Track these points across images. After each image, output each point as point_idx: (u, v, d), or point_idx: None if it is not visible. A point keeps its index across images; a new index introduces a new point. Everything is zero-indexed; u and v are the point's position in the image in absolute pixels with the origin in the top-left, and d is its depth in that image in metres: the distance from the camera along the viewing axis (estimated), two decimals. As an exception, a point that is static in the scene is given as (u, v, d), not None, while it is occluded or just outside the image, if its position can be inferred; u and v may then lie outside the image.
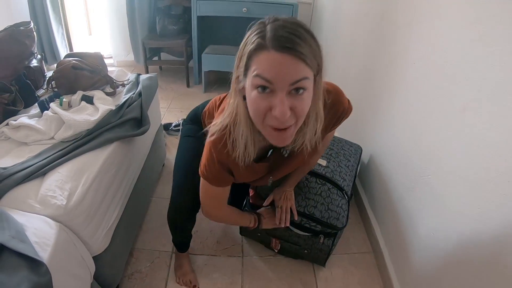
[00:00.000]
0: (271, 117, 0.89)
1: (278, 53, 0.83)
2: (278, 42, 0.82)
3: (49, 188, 1.26)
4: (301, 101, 0.89)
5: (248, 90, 0.91)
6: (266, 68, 0.84)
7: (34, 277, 1.00)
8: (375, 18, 2.14)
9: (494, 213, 1.06)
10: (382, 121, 1.98)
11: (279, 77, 0.84)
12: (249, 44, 0.87)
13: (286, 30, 0.83)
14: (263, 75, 0.85)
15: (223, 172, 1.20)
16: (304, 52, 0.83)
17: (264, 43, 0.84)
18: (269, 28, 0.84)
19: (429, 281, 1.41)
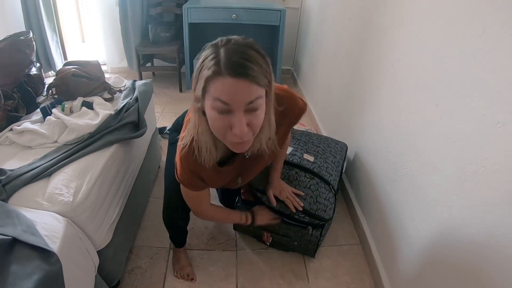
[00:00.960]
0: (231, 133, 0.99)
1: (233, 78, 0.91)
2: (232, 68, 0.90)
3: (56, 186, 1.35)
4: (256, 117, 0.99)
5: (208, 110, 0.99)
6: (223, 92, 0.93)
7: (46, 266, 1.07)
8: (358, 22, 2.26)
9: (467, 200, 1.16)
10: (365, 120, 2.09)
11: (235, 100, 0.93)
12: (205, 69, 0.94)
13: (239, 55, 0.91)
14: (221, 99, 0.93)
15: (196, 179, 1.32)
16: (256, 75, 0.92)
17: (219, 69, 0.91)
18: (222, 53, 0.92)
19: (414, 268, 1.50)
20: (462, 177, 1.18)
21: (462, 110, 1.20)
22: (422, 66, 1.49)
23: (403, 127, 1.62)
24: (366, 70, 2.10)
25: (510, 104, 0.98)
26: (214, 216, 1.68)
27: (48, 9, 3.57)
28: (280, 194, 1.72)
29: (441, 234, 1.32)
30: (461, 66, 1.21)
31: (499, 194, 1.02)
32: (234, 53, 0.92)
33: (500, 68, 1.03)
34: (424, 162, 1.44)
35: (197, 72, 0.99)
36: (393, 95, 1.73)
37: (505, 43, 1.01)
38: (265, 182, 1.75)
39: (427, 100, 1.42)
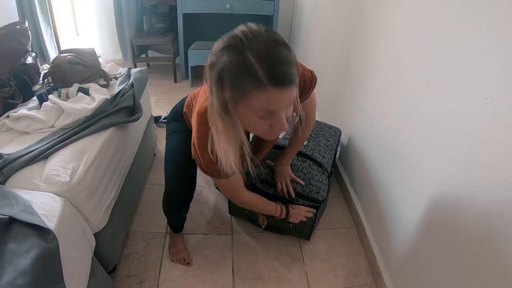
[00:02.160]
0: (272, 132, 1.00)
1: (279, 89, 0.89)
2: (276, 80, 0.88)
3: (52, 168, 1.37)
4: (290, 110, 1.01)
5: (246, 115, 0.97)
6: (270, 103, 0.92)
7: (43, 243, 1.08)
8: (350, 10, 2.28)
9: (458, 176, 1.18)
10: (358, 105, 2.11)
11: (282, 107, 0.95)
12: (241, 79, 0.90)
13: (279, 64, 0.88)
14: (268, 109, 0.93)
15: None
16: (295, 78, 0.92)
17: (261, 82, 0.87)
18: (256, 61, 0.87)
19: (407, 247, 1.53)
20: (453, 153, 1.20)
21: (451, 89, 1.22)
22: (411, 49, 1.51)
23: (395, 109, 1.65)
24: (357, 56, 2.12)
25: (497, 79, 1.00)
26: (253, 203, 1.62)
27: (42, 2, 3.55)
28: (277, 176, 1.74)
29: (432, 212, 1.35)
30: (449, 46, 1.24)
31: (489, 169, 1.04)
32: (271, 61, 0.88)
33: (486, 46, 1.05)
34: (415, 142, 1.46)
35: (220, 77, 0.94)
36: (384, 78, 1.76)
37: (490, 22, 1.04)
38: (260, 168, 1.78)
39: (418, 82, 1.44)
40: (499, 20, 1.00)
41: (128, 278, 1.75)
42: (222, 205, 2.20)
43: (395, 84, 1.65)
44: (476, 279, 1.09)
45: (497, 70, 1.00)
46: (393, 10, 1.68)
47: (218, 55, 0.93)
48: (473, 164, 1.10)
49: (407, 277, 1.53)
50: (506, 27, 0.97)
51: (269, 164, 1.80)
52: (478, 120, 1.08)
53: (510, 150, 0.95)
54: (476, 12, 1.10)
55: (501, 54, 0.99)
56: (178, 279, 1.76)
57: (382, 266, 1.74)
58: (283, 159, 1.74)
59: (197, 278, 1.77)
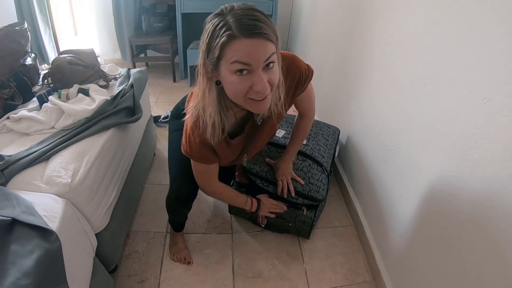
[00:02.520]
0: (253, 92, 1.03)
1: (249, 39, 0.95)
2: (246, 30, 0.94)
3: (54, 169, 1.38)
4: (273, 73, 1.04)
5: (226, 76, 1.03)
6: (242, 54, 0.96)
7: (45, 244, 1.09)
8: (348, 9, 2.29)
9: (455, 174, 1.20)
10: (356, 104, 2.13)
11: (255, 59, 0.97)
12: (218, 37, 0.97)
13: (249, 18, 0.95)
14: (241, 60, 0.97)
15: (206, 151, 1.33)
16: (268, 32, 0.96)
17: (233, 33, 0.94)
18: (231, 19, 0.96)
19: (405, 244, 1.55)
20: (450, 152, 1.22)
21: (449, 89, 1.23)
22: (409, 49, 1.52)
23: (393, 108, 1.66)
24: (356, 56, 2.13)
25: (494, 80, 1.02)
26: (222, 194, 1.67)
27: (40, 2, 3.54)
28: (278, 175, 1.76)
29: (430, 209, 1.36)
30: (447, 46, 1.25)
31: (486, 168, 1.05)
32: (243, 16, 0.96)
33: (484, 47, 1.07)
34: (414, 141, 1.48)
35: (204, 42, 1.02)
36: (383, 78, 1.77)
37: (488, 23, 1.05)
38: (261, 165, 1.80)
39: (416, 81, 1.46)
40: (497, 20, 1.01)
41: (129, 278, 1.76)
42: (222, 205, 2.21)
43: (393, 83, 1.67)
44: (473, 275, 1.11)
45: (495, 70, 1.02)
46: (391, 10, 1.69)
47: (206, 25, 1.03)
48: (470, 163, 1.12)
49: (405, 274, 1.54)
50: (503, 28, 0.99)
51: (269, 162, 1.81)
52: (475, 120, 1.10)
53: (507, 150, 0.97)
54: (473, 12, 1.11)
55: (498, 54, 1.00)
56: (179, 278, 1.77)
57: (380, 264, 1.76)
58: (285, 156, 1.75)
59: (198, 277, 1.78)
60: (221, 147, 1.33)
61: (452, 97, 1.22)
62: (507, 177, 0.97)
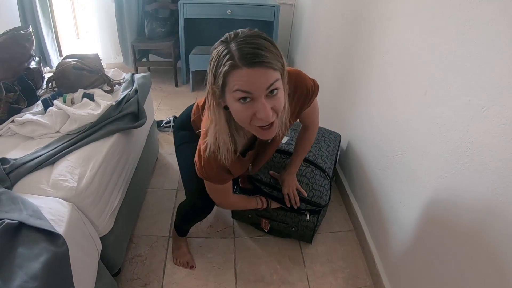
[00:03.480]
0: (257, 119, 1.05)
1: (250, 68, 0.96)
2: (247, 59, 0.96)
3: (60, 173, 1.40)
4: (277, 100, 1.05)
5: (231, 103, 1.05)
6: (243, 83, 0.98)
7: (53, 247, 1.11)
8: (349, 17, 2.31)
9: (454, 182, 1.22)
10: (357, 111, 2.14)
11: (255, 87, 0.99)
12: (221, 66, 0.99)
13: (250, 46, 0.97)
14: (242, 89, 0.99)
15: (223, 173, 1.36)
16: (269, 60, 0.97)
17: (235, 63, 0.96)
18: (234, 48, 0.97)
19: (405, 250, 1.56)
20: (450, 160, 1.24)
21: (449, 97, 1.25)
22: (409, 57, 1.54)
23: (394, 116, 1.68)
24: (357, 63, 2.15)
25: (493, 89, 1.04)
26: (237, 204, 1.75)
27: (43, 6, 3.57)
28: (284, 187, 1.77)
29: (429, 216, 1.38)
30: (447, 56, 1.27)
31: (484, 175, 1.07)
32: (245, 45, 0.97)
33: (483, 56, 1.09)
34: (414, 148, 1.50)
35: (211, 70, 1.04)
36: (383, 85, 1.79)
37: (487, 34, 1.07)
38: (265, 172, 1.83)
39: (416, 89, 1.48)
40: (495, 31, 1.03)
41: (132, 281, 1.77)
42: (224, 210, 2.22)
43: (393, 91, 1.69)
44: (473, 281, 1.12)
45: (493, 80, 1.04)
46: (391, 19, 1.71)
47: (212, 52, 1.04)
48: (469, 170, 1.14)
49: (405, 279, 1.56)
50: (502, 38, 1.01)
51: (273, 175, 1.83)
52: (474, 128, 1.12)
53: (504, 158, 0.99)
54: (474, 23, 1.13)
55: (497, 64, 1.02)
56: (182, 282, 1.79)
57: (381, 268, 1.77)
58: (290, 168, 1.76)
59: (200, 281, 1.80)
60: (233, 165, 1.35)
61: (451, 106, 1.24)
62: (504, 185, 0.98)
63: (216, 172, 1.33)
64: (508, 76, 0.98)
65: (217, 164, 1.28)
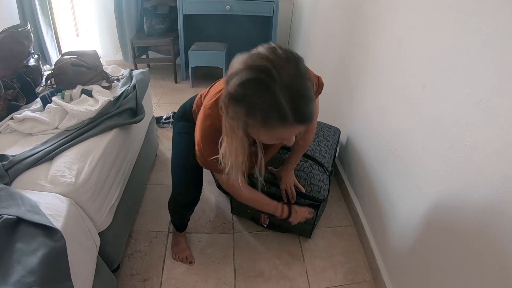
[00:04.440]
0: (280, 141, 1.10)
1: (302, 125, 0.97)
2: (300, 118, 0.93)
3: (58, 169, 1.40)
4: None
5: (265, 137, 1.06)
6: (288, 134, 1.02)
7: (50, 242, 1.11)
8: (348, 12, 2.30)
9: (453, 175, 1.22)
10: (357, 105, 2.14)
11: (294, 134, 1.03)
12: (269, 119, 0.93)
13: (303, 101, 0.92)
14: (284, 137, 1.04)
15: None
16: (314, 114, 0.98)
17: (286, 119, 0.92)
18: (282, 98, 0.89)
19: (405, 244, 1.57)
20: (448, 153, 1.24)
21: (447, 91, 1.25)
22: (408, 51, 1.54)
23: (393, 110, 1.68)
24: (355, 58, 2.15)
25: (492, 82, 1.04)
26: (254, 201, 1.61)
27: (43, 4, 3.55)
28: (282, 183, 1.77)
29: (429, 210, 1.38)
30: (445, 49, 1.27)
31: (483, 168, 1.07)
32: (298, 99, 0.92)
33: (481, 49, 1.08)
34: (413, 142, 1.50)
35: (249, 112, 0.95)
36: (382, 80, 1.79)
37: (485, 27, 1.07)
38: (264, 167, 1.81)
39: (414, 83, 1.47)
40: (494, 24, 1.03)
41: (132, 277, 1.78)
42: (224, 205, 2.24)
43: (393, 85, 1.68)
44: (472, 274, 1.12)
45: (492, 72, 1.04)
46: (390, 13, 1.71)
47: (246, 87, 0.92)
48: (468, 164, 1.14)
49: (405, 274, 1.56)
50: (500, 31, 1.00)
51: (272, 171, 1.82)
52: (473, 121, 1.12)
53: (503, 150, 0.98)
54: (471, 16, 1.13)
55: (495, 57, 1.02)
56: (181, 277, 1.79)
57: (380, 263, 1.77)
58: (287, 165, 1.76)
59: (200, 276, 1.80)
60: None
61: (450, 99, 1.24)
62: (504, 177, 0.98)
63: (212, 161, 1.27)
64: (507, 68, 0.98)
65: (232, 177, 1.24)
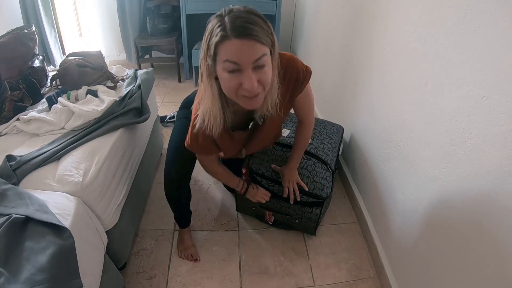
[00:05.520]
0: (243, 89, 1.10)
1: (239, 39, 1.02)
2: (236, 31, 1.01)
3: (65, 168, 1.42)
4: (264, 74, 1.10)
5: (220, 73, 1.11)
6: (231, 53, 1.04)
7: (59, 240, 1.13)
8: (350, 10, 2.31)
9: (456, 171, 1.23)
10: (360, 102, 2.15)
11: (243, 58, 1.04)
12: (214, 37, 1.05)
13: (241, 20, 1.02)
14: (231, 59, 1.05)
15: (208, 143, 1.44)
16: (258, 34, 1.03)
17: (226, 34, 1.02)
18: (227, 20, 1.03)
19: (408, 240, 1.58)
20: (451, 150, 1.25)
21: (449, 88, 1.26)
22: (410, 49, 1.55)
23: (396, 107, 1.69)
24: (358, 55, 2.16)
25: (493, 78, 1.04)
26: (217, 176, 1.81)
27: (46, 4, 3.56)
28: (285, 181, 1.79)
29: (432, 206, 1.39)
30: (447, 47, 1.28)
31: (485, 164, 1.08)
32: (237, 18, 1.03)
33: (483, 46, 1.09)
34: (415, 139, 1.51)
35: (205, 41, 1.10)
36: (385, 77, 1.80)
37: (486, 24, 1.08)
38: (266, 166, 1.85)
39: (417, 81, 1.48)
40: (495, 21, 1.04)
41: (138, 274, 1.80)
42: (229, 202, 2.25)
43: (395, 82, 1.69)
44: (474, 270, 1.13)
45: (493, 69, 1.04)
46: (393, 10, 1.71)
47: (207, 25, 1.10)
48: (471, 160, 1.15)
49: (409, 270, 1.57)
50: (501, 28, 1.01)
51: (275, 169, 1.84)
52: (475, 117, 1.13)
53: (505, 146, 0.99)
54: (473, 14, 1.14)
55: (496, 54, 1.03)
56: (187, 275, 1.81)
57: (384, 260, 1.79)
58: (290, 163, 1.78)
59: (205, 273, 1.82)
60: (223, 140, 1.42)
61: (452, 96, 1.25)
62: (505, 173, 0.99)
63: (202, 140, 1.41)
64: (508, 65, 0.99)
65: (203, 132, 1.34)
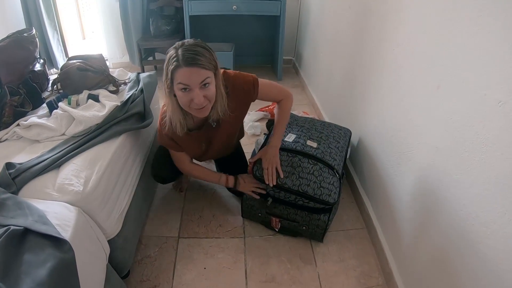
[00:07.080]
0: (193, 103, 1.46)
1: (188, 67, 1.37)
2: (186, 61, 1.37)
3: (65, 177, 1.38)
4: (209, 91, 1.46)
5: (176, 91, 1.46)
6: (183, 78, 1.40)
7: (59, 253, 1.09)
8: (358, 10, 2.27)
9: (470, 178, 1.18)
10: (368, 106, 2.10)
11: (191, 81, 1.40)
12: (170, 65, 1.40)
13: (190, 52, 1.37)
14: (183, 82, 1.40)
15: (170, 141, 1.76)
16: (203, 63, 1.38)
17: (179, 63, 1.37)
18: (180, 52, 1.38)
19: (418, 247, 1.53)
20: (464, 156, 1.20)
21: (463, 92, 1.21)
22: (421, 50, 1.50)
23: (406, 110, 1.64)
24: (366, 57, 2.11)
25: (509, 83, 1.00)
26: (193, 172, 2.01)
27: (48, 7, 3.55)
28: (264, 161, 1.83)
29: (442, 214, 1.34)
30: (460, 49, 1.23)
31: (501, 171, 1.04)
32: (186, 51, 1.38)
33: (498, 48, 1.05)
34: (426, 144, 1.46)
35: (165, 68, 1.45)
36: (395, 80, 1.75)
37: (500, 26, 1.03)
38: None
39: (428, 83, 1.43)
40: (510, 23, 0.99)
41: (142, 283, 1.76)
42: (234, 209, 2.21)
43: (405, 85, 1.64)
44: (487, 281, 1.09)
45: (509, 73, 1.00)
46: (402, 11, 1.67)
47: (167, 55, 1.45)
48: (485, 167, 1.10)
49: (418, 277, 1.52)
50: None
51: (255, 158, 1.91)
52: (490, 122, 1.08)
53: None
54: (487, 15, 1.09)
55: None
56: (192, 283, 1.77)
57: (393, 267, 1.74)
58: (272, 140, 1.88)
59: (211, 282, 1.78)
60: (185, 139, 1.73)
61: (466, 100, 1.20)
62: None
63: (165, 139, 1.76)
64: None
65: (167, 133, 1.70)
